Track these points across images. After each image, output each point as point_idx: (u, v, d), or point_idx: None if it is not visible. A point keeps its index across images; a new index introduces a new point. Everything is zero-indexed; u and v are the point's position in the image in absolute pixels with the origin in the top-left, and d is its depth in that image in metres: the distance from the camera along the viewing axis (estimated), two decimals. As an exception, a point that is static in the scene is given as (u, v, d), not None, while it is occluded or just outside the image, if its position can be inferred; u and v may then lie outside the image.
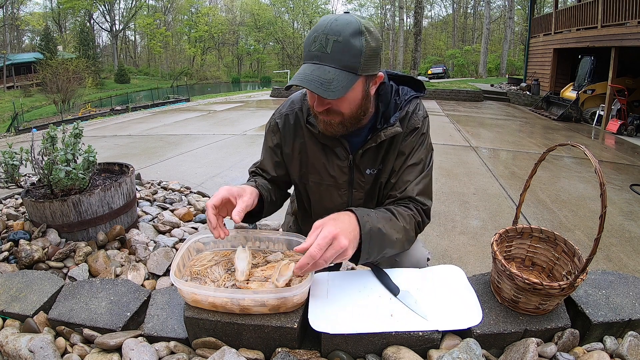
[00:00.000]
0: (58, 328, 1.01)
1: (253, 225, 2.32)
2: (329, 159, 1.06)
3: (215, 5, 48.03)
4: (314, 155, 1.07)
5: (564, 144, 0.96)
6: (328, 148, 1.05)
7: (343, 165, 1.05)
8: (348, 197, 1.10)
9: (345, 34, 0.81)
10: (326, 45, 0.81)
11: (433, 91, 11.73)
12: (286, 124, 1.09)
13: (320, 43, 0.82)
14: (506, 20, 28.54)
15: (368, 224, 0.86)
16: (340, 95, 0.82)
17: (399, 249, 0.97)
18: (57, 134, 1.83)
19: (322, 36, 0.82)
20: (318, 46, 0.82)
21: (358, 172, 1.06)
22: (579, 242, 2.44)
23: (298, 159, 1.11)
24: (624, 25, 7.09)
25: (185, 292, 0.87)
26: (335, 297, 0.94)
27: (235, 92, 22.51)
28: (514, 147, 5.36)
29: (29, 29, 39.00)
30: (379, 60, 0.88)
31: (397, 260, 1.13)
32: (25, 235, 1.71)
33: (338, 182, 1.08)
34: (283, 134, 1.10)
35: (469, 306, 0.92)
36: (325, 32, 0.81)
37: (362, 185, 1.08)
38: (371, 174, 1.06)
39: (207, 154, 4.50)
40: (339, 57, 0.81)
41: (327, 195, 1.11)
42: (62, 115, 17.36)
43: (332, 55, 0.81)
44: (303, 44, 0.88)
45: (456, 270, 1.05)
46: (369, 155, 1.04)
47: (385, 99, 1.01)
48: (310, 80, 0.81)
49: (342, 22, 0.82)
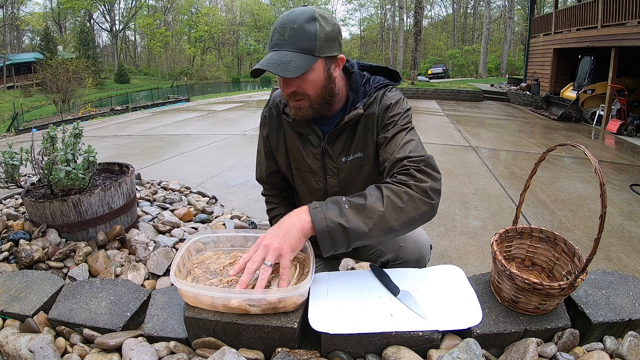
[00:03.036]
0: (58, 328, 1.01)
1: (253, 225, 2.32)
2: (305, 147, 1.12)
3: (215, 5, 48.04)
4: (292, 143, 1.14)
5: (564, 144, 0.96)
6: (303, 136, 1.11)
7: (316, 152, 1.10)
8: (323, 183, 1.14)
9: (300, 21, 0.89)
10: (283, 34, 0.90)
11: (433, 91, 11.73)
12: (270, 116, 1.17)
13: (279, 32, 0.91)
14: (506, 20, 28.54)
15: (323, 221, 0.83)
16: (298, 73, 0.89)
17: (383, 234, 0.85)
18: (57, 134, 1.83)
19: (280, 27, 0.91)
20: (277, 35, 0.91)
21: (329, 158, 1.10)
22: (579, 242, 2.44)
23: (283, 147, 1.17)
24: (624, 25, 7.09)
25: (185, 292, 0.87)
26: (335, 297, 0.94)
27: (235, 92, 22.52)
28: (514, 147, 5.36)
29: (29, 29, 39.01)
30: (337, 44, 0.95)
31: (402, 245, 1.16)
32: (25, 235, 1.71)
33: (313, 169, 1.13)
34: (269, 126, 1.18)
35: (469, 306, 0.92)
36: (282, 23, 0.91)
37: (334, 172, 1.11)
38: (347, 161, 1.09)
39: (207, 154, 4.50)
40: (295, 42, 0.90)
41: (307, 181, 1.17)
42: (62, 115, 17.36)
43: (289, 41, 0.90)
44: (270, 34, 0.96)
45: (456, 270, 1.05)
46: (339, 141, 1.08)
47: (355, 87, 1.06)
48: (269, 63, 0.89)
49: (297, 12, 0.91)
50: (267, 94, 13.88)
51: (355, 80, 1.06)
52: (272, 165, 1.25)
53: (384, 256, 1.22)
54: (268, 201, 1.37)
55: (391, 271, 1.04)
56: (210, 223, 2.27)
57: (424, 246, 1.18)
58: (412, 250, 1.16)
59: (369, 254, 1.27)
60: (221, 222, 2.28)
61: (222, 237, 1.07)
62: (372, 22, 47.63)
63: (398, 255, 1.18)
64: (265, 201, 1.39)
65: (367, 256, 1.29)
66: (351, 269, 1.79)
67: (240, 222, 2.30)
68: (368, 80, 1.07)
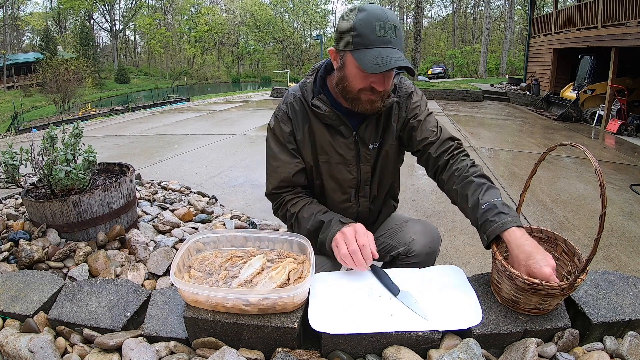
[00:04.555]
0: (58, 328, 1.01)
1: (253, 225, 2.32)
2: (334, 138, 1.13)
3: (215, 5, 48.05)
4: (321, 136, 1.14)
5: (564, 144, 0.96)
6: (332, 128, 1.12)
7: (348, 142, 1.13)
8: (357, 172, 1.17)
9: (399, 24, 0.97)
10: (395, 32, 0.96)
11: (433, 91, 11.73)
12: (293, 111, 1.15)
13: (391, 30, 0.95)
14: (506, 20, 28.56)
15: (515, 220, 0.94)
16: (415, 72, 1.00)
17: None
18: (57, 134, 1.83)
19: (390, 24, 0.95)
20: (391, 33, 0.95)
21: (364, 145, 1.15)
22: (579, 242, 2.44)
23: (309, 141, 1.16)
24: (624, 25, 7.09)
25: (185, 292, 0.87)
26: (335, 297, 0.94)
27: (235, 92, 22.52)
28: (514, 147, 5.36)
29: (29, 29, 39.04)
30: None
31: (414, 238, 1.16)
32: (25, 235, 1.71)
33: (346, 159, 1.15)
34: (294, 121, 1.15)
35: (469, 306, 0.92)
36: (391, 20, 0.95)
37: (368, 158, 1.16)
38: (374, 148, 1.16)
39: (207, 154, 4.50)
40: (400, 43, 0.98)
41: (337, 173, 1.18)
42: (62, 115, 17.36)
43: (399, 40, 0.97)
44: (362, 28, 0.95)
45: (456, 270, 1.05)
46: (370, 128, 1.14)
47: None
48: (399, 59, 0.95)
49: (391, 12, 0.98)
50: (267, 94, 13.87)
51: None
52: (299, 163, 1.15)
53: (394, 250, 1.20)
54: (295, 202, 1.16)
55: (391, 271, 1.04)
56: (210, 223, 2.27)
57: (435, 240, 1.18)
58: (423, 243, 1.15)
59: (377, 249, 1.24)
60: (221, 222, 2.28)
61: (222, 237, 1.07)
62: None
63: (410, 248, 1.16)
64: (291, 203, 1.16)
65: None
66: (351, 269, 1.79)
67: (240, 222, 2.30)
68: None
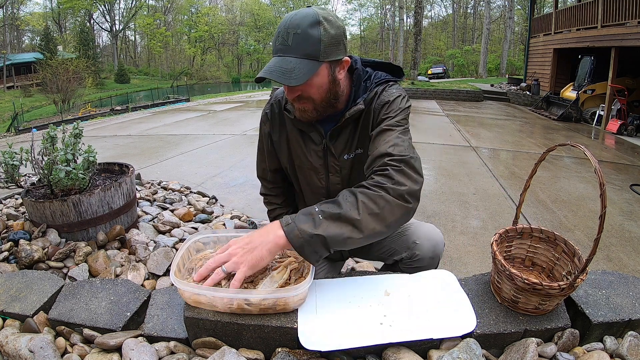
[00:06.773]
0: (58, 328, 1.01)
1: (253, 225, 2.32)
2: (306, 144, 1.11)
3: (215, 5, 48.03)
4: (295, 140, 1.13)
5: (564, 144, 0.96)
6: (304, 133, 1.11)
7: (318, 149, 1.10)
8: (326, 181, 1.14)
9: (304, 26, 0.88)
10: (287, 39, 0.89)
11: (433, 91, 11.72)
12: (272, 113, 1.17)
13: (282, 37, 0.90)
14: (506, 20, 28.54)
15: (298, 236, 0.82)
16: (301, 81, 0.88)
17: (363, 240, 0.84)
18: (57, 134, 1.83)
19: (284, 31, 0.89)
20: (281, 40, 0.90)
21: (332, 156, 1.10)
22: (579, 242, 2.44)
23: (285, 144, 1.17)
24: (624, 25, 7.09)
25: (185, 292, 0.87)
26: (325, 311, 0.90)
27: (235, 92, 22.51)
28: (514, 147, 5.36)
29: (29, 29, 39.01)
30: (342, 47, 0.95)
31: (417, 242, 1.14)
32: (25, 235, 1.71)
33: (315, 166, 1.13)
34: (272, 122, 1.17)
35: (463, 312, 0.91)
36: (286, 27, 0.89)
37: (337, 169, 1.11)
38: (348, 158, 1.09)
39: (207, 154, 4.50)
40: (299, 48, 0.89)
41: (309, 179, 1.17)
42: (62, 115, 17.36)
43: (293, 46, 0.89)
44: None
45: (447, 275, 1.03)
46: (341, 138, 1.08)
47: (357, 83, 1.05)
48: (273, 71, 0.89)
49: (301, 15, 0.90)
50: (267, 94, 13.88)
51: (358, 76, 1.05)
52: (274, 163, 1.25)
53: (397, 254, 1.19)
54: (269, 202, 1.36)
55: (383, 276, 1.03)
56: (210, 223, 2.27)
57: (439, 243, 1.16)
58: (427, 247, 1.14)
59: (380, 252, 1.25)
60: (221, 222, 2.28)
61: (222, 237, 1.07)
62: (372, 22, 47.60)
63: (413, 252, 1.15)
64: (266, 201, 1.37)
65: (377, 255, 1.26)
66: (351, 269, 1.79)
67: (240, 222, 2.30)
68: (369, 76, 1.07)
